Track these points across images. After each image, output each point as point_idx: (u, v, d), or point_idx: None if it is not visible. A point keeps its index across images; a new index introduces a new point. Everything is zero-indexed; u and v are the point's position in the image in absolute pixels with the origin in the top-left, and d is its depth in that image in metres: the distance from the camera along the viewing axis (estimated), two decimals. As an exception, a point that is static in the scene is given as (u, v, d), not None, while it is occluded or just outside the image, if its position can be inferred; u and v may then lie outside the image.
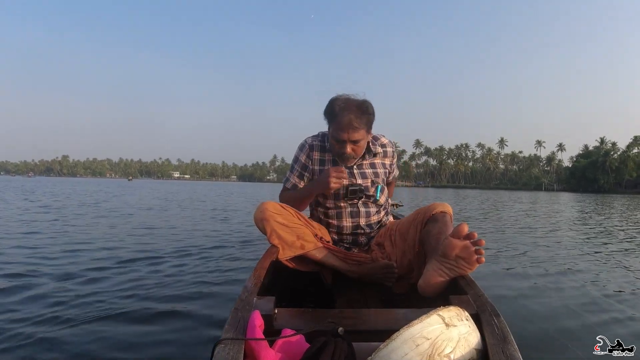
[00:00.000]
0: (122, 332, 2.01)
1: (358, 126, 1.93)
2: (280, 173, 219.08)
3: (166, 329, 2.06)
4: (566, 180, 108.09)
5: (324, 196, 2.18)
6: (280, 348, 1.14)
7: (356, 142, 1.98)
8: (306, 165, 2.18)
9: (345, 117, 1.91)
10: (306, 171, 2.19)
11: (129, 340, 1.92)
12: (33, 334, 1.94)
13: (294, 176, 2.21)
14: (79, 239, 4.93)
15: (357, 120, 1.92)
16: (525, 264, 3.84)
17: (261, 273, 1.58)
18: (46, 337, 1.92)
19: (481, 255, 1.49)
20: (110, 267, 3.42)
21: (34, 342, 1.86)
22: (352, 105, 1.95)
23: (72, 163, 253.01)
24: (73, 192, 19.47)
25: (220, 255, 4.07)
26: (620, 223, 9.09)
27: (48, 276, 3.05)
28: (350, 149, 2.00)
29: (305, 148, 2.17)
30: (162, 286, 2.83)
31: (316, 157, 2.16)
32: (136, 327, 2.08)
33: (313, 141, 2.18)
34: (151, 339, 1.93)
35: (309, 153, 2.16)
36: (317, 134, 2.21)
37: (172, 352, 1.80)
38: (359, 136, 1.96)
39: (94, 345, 1.86)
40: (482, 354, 1.04)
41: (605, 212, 13.64)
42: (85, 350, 1.81)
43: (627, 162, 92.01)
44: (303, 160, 2.17)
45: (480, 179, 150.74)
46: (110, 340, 1.92)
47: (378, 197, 2.15)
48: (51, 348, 1.82)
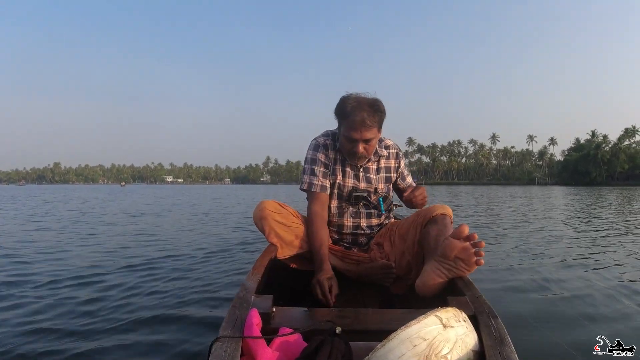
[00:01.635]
0: (120, 331, 2.01)
1: (371, 124, 1.90)
2: (273, 174, 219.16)
3: (164, 327, 2.06)
4: (558, 174, 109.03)
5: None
6: (278, 346, 1.14)
7: (368, 141, 1.96)
8: (327, 164, 2.10)
9: (357, 116, 1.88)
10: (329, 169, 2.10)
11: (126, 338, 1.92)
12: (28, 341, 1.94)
13: (319, 178, 2.07)
14: (82, 244, 4.93)
15: (369, 119, 1.89)
16: (524, 264, 3.84)
17: (259, 271, 1.58)
18: (46, 338, 1.93)
19: (481, 257, 1.49)
20: (110, 267, 3.43)
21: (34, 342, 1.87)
22: (364, 103, 1.91)
23: (64, 170, 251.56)
24: (69, 199, 19.38)
25: (219, 254, 4.08)
26: (618, 218, 9.11)
27: (47, 279, 3.08)
28: (362, 148, 1.97)
29: (320, 147, 2.10)
30: (161, 285, 2.84)
31: (338, 157, 2.11)
32: (133, 326, 2.07)
33: (326, 140, 2.12)
34: (148, 337, 1.93)
35: (326, 152, 2.10)
36: (326, 133, 2.16)
37: (170, 350, 1.80)
38: (371, 135, 1.94)
39: (93, 345, 1.85)
40: (479, 355, 1.04)
41: (601, 204, 13.69)
42: (84, 348, 1.81)
43: (619, 154, 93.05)
44: (323, 159, 2.09)
45: (474, 175, 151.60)
46: (108, 338, 1.91)
47: (383, 210, 2.14)
48: (49, 348, 1.82)
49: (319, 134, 2.18)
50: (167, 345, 1.83)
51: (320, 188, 2.06)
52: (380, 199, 2.13)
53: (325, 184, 2.07)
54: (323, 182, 2.07)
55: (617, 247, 4.90)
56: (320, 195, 2.06)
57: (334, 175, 2.10)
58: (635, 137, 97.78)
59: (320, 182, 2.06)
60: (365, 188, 2.12)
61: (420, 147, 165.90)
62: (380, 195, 2.14)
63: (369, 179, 2.13)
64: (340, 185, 2.11)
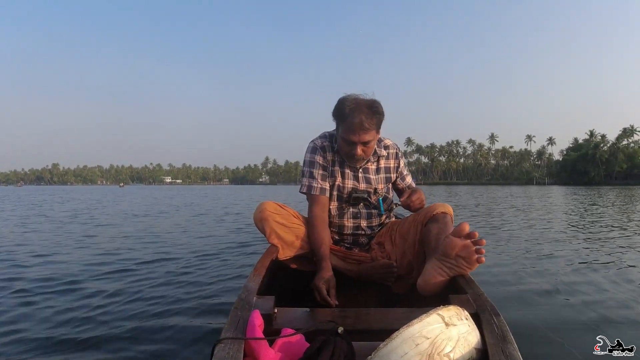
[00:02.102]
0: (122, 332, 2.00)
1: (369, 127, 1.88)
2: (272, 175, 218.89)
3: (166, 328, 2.05)
4: (557, 174, 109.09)
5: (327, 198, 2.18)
6: (280, 347, 1.14)
7: (366, 143, 1.95)
8: (326, 166, 2.10)
9: (356, 119, 1.85)
10: (327, 171, 2.10)
11: (129, 339, 1.92)
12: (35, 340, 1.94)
13: (318, 180, 2.08)
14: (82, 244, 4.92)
15: (368, 121, 1.87)
16: (525, 263, 3.85)
17: (261, 272, 1.58)
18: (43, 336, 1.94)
19: (481, 254, 1.49)
20: (109, 268, 3.42)
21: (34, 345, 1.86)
22: (362, 105, 1.88)
23: (63, 171, 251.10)
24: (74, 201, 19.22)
25: (221, 256, 4.07)
26: (619, 216, 9.11)
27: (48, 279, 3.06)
28: (360, 150, 1.95)
29: (318, 150, 2.10)
30: (163, 286, 2.83)
31: (329, 159, 2.11)
32: (136, 327, 2.07)
33: (323, 142, 2.12)
34: (151, 339, 1.93)
35: (324, 154, 2.10)
36: (323, 134, 2.16)
37: (172, 351, 1.80)
38: (369, 137, 1.92)
39: (96, 348, 1.85)
40: (481, 353, 1.04)
41: (604, 204, 13.68)
42: (84, 349, 1.81)
43: (617, 154, 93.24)
44: (321, 161, 2.09)
45: (472, 175, 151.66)
46: (109, 339, 1.91)
47: (383, 211, 2.13)
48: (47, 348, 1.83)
49: (317, 135, 2.17)
50: (169, 348, 1.83)
51: (319, 191, 2.07)
52: (380, 199, 2.13)
53: (324, 187, 2.08)
54: (322, 185, 2.07)
55: (618, 247, 4.90)
56: (320, 198, 2.06)
57: (333, 177, 2.10)
58: (634, 137, 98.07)
59: (319, 184, 2.07)
60: (365, 189, 2.11)
61: (419, 147, 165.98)
62: (380, 196, 2.13)
63: (368, 179, 2.13)
64: (340, 187, 2.10)
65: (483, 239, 1.48)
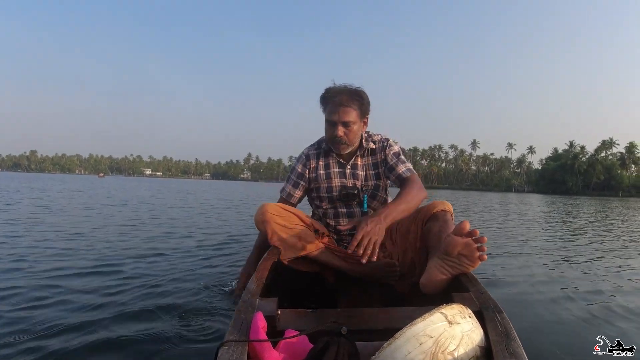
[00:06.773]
0: (123, 333, 1.95)
1: (348, 105, 1.98)
2: (254, 171, 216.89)
3: (169, 331, 2.00)
4: (536, 182, 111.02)
5: (319, 198, 2.21)
6: (284, 349, 1.14)
7: (347, 123, 2.01)
8: (302, 174, 2.25)
9: (336, 98, 1.99)
10: (302, 180, 2.26)
11: (130, 342, 1.87)
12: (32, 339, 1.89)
13: (289, 185, 2.28)
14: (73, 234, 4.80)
15: (348, 100, 1.98)
16: (527, 261, 3.87)
17: (263, 274, 1.57)
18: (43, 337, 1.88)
19: (483, 252, 1.50)
20: (109, 268, 3.33)
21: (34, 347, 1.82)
22: (344, 89, 2.02)
23: (41, 158, 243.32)
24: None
25: (222, 257, 4.00)
26: (617, 222, 9.27)
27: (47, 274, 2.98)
28: (341, 132, 2.02)
29: (302, 159, 2.26)
30: (164, 288, 2.76)
31: (321, 163, 2.21)
32: (138, 329, 2.01)
33: (309, 151, 2.26)
34: (154, 341, 1.88)
35: (306, 162, 2.24)
36: (318, 140, 2.28)
37: (175, 354, 1.76)
38: (350, 117, 1.99)
39: (94, 346, 1.81)
40: (485, 350, 1.04)
41: (581, 212, 13.95)
42: (85, 351, 1.77)
43: (595, 165, 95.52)
44: (299, 169, 2.25)
45: (453, 180, 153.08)
46: (112, 342, 1.86)
47: (366, 208, 2.15)
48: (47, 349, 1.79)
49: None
50: (172, 351, 1.80)
51: (287, 195, 2.29)
52: (365, 196, 2.14)
53: (292, 192, 2.28)
54: (291, 191, 2.28)
55: (619, 248, 4.99)
56: (285, 200, 2.28)
57: (321, 180, 2.19)
58: (612, 149, 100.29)
59: (289, 189, 2.29)
60: (353, 185, 2.14)
61: (402, 150, 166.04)
62: (365, 193, 2.15)
63: (356, 175, 2.16)
64: (330, 188, 2.16)
65: (484, 237, 1.49)
